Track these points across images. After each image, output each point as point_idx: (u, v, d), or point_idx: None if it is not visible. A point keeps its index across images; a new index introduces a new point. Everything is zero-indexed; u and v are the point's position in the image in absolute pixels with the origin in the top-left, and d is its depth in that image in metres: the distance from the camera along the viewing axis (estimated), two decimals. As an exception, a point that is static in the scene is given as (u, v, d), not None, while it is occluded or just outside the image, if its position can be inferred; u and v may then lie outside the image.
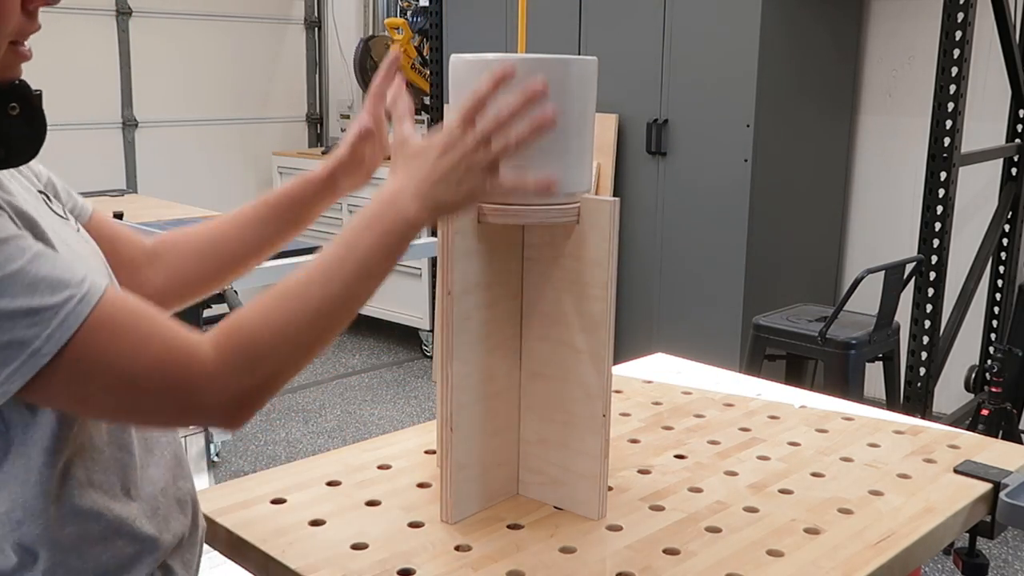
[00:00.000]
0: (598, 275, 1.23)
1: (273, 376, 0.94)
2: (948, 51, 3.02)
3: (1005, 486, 1.39)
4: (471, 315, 1.27)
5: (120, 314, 0.88)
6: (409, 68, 5.44)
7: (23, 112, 0.95)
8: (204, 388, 0.90)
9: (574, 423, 1.28)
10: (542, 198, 1.20)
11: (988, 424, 3.28)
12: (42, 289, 0.84)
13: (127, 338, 0.87)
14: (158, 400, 0.90)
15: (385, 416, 4.43)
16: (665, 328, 4.08)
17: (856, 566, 1.17)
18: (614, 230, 1.22)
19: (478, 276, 1.27)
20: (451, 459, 1.26)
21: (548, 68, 1.19)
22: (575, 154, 1.23)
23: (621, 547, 1.22)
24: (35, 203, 1.00)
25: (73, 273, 0.86)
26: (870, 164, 4.27)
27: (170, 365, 0.88)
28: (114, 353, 0.87)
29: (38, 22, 0.93)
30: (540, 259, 1.30)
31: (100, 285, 0.87)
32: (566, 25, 4.19)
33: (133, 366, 0.87)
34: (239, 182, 6.06)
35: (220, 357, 0.90)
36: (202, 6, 5.74)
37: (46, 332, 0.83)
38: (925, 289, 3.17)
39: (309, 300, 0.96)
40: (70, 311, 0.84)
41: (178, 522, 1.07)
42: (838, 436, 1.61)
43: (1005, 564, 3.14)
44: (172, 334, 0.90)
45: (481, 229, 1.26)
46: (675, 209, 3.99)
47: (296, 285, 0.97)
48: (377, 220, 1.01)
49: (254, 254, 1.29)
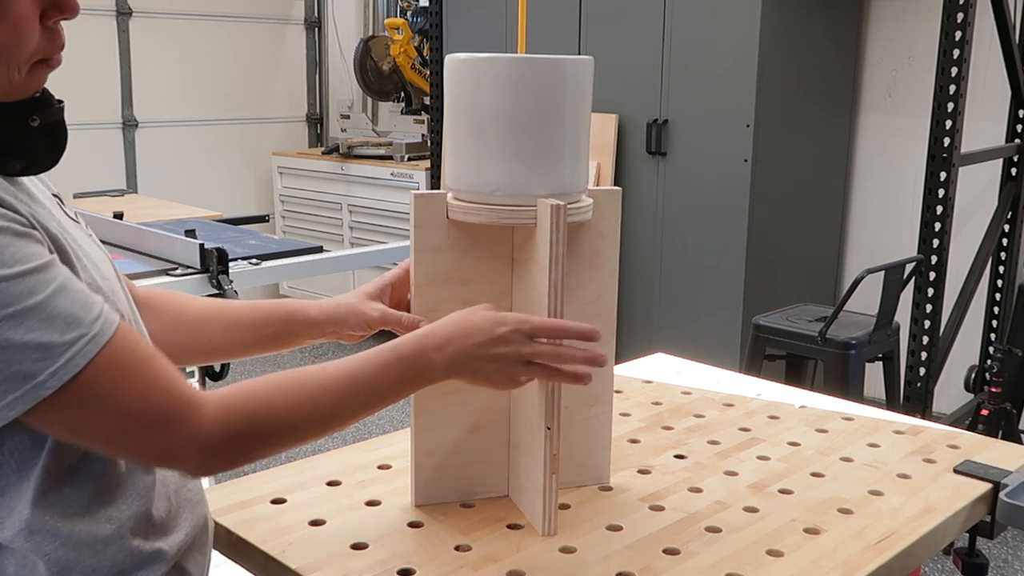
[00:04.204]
0: (541, 280, 1.18)
1: (254, 452, 1.00)
2: (948, 51, 3.02)
3: (1005, 486, 1.39)
4: (439, 307, 1.26)
5: (128, 357, 0.91)
6: (409, 68, 5.45)
7: (44, 123, 0.97)
8: (192, 443, 0.94)
9: (532, 431, 1.26)
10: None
11: (988, 424, 3.28)
12: (56, 325, 0.86)
13: (130, 381, 0.91)
14: (146, 443, 0.94)
15: (385, 416, 4.43)
16: (665, 328, 4.08)
17: (856, 566, 1.17)
18: (558, 233, 1.16)
19: (449, 270, 1.27)
20: (414, 445, 1.31)
21: (543, 68, 1.19)
22: (568, 155, 1.22)
23: (621, 547, 1.22)
24: (54, 210, 1.01)
25: (89, 310, 0.89)
26: (870, 164, 4.27)
27: (165, 414, 0.92)
28: (115, 394, 0.90)
29: (62, 38, 0.95)
30: (520, 260, 1.29)
31: (113, 322, 0.90)
32: (566, 25, 4.19)
33: (131, 409, 0.91)
34: (239, 182, 6.07)
35: (220, 420, 0.95)
36: (202, 6, 5.74)
37: (52, 368, 0.86)
38: (925, 289, 3.17)
39: (317, 406, 1.03)
40: (78, 351, 0.87)
41: (189, 522, 1.09)
42: (838, 436, 1.61)
43: (1005, 564, 3.14)
44: (173, 384, 0.94)
45: (455, 226, 1.26)
46: (675, 209, 3.99)
47: (313, 386, 1.03)
48: (407, 365, 1.08)
49: (229, 352, 1.32)
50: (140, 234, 2.87)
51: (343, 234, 5.52)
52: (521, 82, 1.18)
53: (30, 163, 0.96)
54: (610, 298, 1.36)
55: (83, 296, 0.90)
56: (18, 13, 0.88)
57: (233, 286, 2.54)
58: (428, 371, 1.09)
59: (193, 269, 2.59)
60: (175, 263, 2.65)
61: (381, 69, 5.55)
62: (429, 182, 4.99)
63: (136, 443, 0.93)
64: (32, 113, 0.96)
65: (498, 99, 1.19)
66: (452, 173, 1.25)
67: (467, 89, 1.21)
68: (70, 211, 1.07)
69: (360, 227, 5.45)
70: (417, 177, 5.08)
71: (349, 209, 5.48)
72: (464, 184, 1.24)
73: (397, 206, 5.20)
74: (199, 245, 2.59)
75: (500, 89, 1.18)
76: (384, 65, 5.54)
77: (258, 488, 1.36)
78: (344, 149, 5.42)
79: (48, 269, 0.88)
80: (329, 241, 5.32)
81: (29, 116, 0.96)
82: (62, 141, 1.00)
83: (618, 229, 1.35)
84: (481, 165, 1.21)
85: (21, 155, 0.95)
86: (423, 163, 5.11)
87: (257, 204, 6.06)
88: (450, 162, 1.26)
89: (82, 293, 0.90)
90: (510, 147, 1.20)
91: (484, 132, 1.20)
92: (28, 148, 0.96)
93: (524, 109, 1.19)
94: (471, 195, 1.23)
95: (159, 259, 2.72)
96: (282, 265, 2.88)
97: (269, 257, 2.83)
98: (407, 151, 5.22)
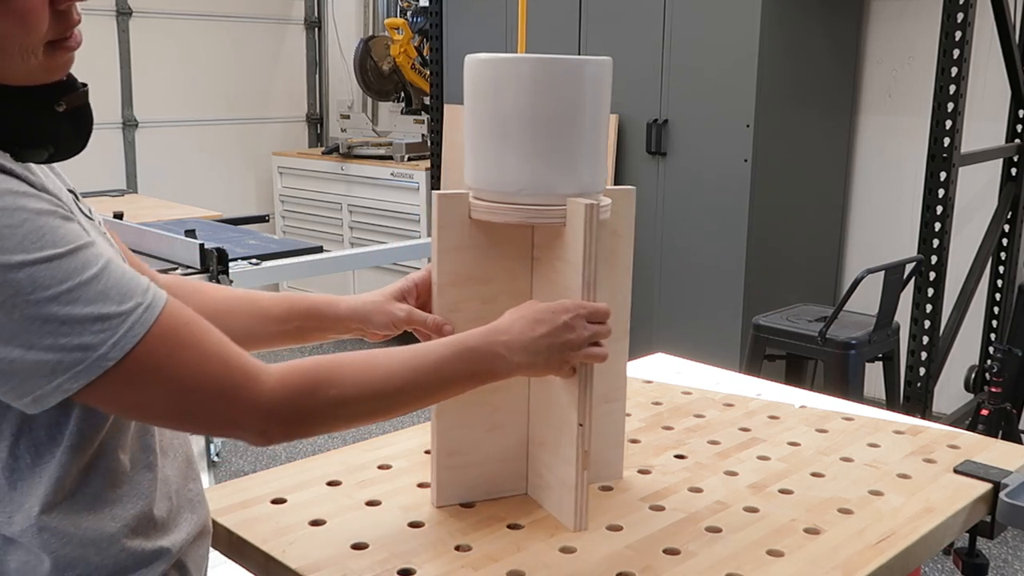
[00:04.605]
0: (574, 279, 1.20)
1: (314, 424, 1.00)
2: (948, 51, 3.02)
3: (1005, 486, 1.39)
4: (459, 307, 1.27)
5: (182, 328, 0.92)
6: (409, 68, 5.45)
7: (70, 109, 0.97)
8: (253, 409, 0.95)
9: (562, 428, 1.27)
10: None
11: (988, 424, 3.28)
12: (113, 297, 0.87)
13: (187, 351, 0.92)
14: (209, 412, 0.95)
15: (385, 416, 4.42)
16: (665, 328, 4.08)
17: (856, 566, 1.17)
18: (592, 232, 1.18)
19: (470, 270, 1.28)
20: (436, 445, 1.31)
21: (564, 68, 1.19)
22: (589, 155, 1.23)
23: (621, 547, 1.22)
24: (72, 206, 1.01)
25: (139, 282, 0.90)
26: (870, 164, 4.27)
27: (227, 381, 0.93)
28: (173, 365, 0.91)
29: (75, 15, 0.94)
30: (542, 259, 1.30)
31: (162, 295, 0.92)
32: (566, 25, 4.19)
33: (191, 379, 0.92)
34: (239, 182, 6.07)
35: (281, 386, 0.96)
36: (202, 6, 5.74)
37: (113, 339, 0.87)
38: (925, 289, 3.17)
39: (385, 386, 1.04)
40: (136, 319, 0.88)
41: (190, 521, 1.09)
42: (838, 436, 1.61)
43: (1005, 564, 3.14)
44: (230, 353, 0.95)
45: (476, 225, 1.26)
46: (675, 209, 3.99)
47: (382, 365, 1.04)
48: (476, 357, 1.11)
49: (252, 343, 1.31)
50: (140, 234, 2.87)
51: (343, 234, 5.52)
52: (543, 82, 1.19)
53: (58, 149, 0.97)
54: (625, 296, 1.37)
55: (130, 271, 0.91)
56: (25, 5, 0.87)
57: (233, 286, 2.54)
58: (495, 365, 1.12)
59: (193, 269, 2.59)
60: (175, 263, 2.65)
61: (381, 69, 5.55)
62: (429, 182, 4.99)
63: (199, 413, 0.94)
64: (58, 98, 0.96)
65: (520, 99, 1.19)
66: (474, 173, 1.26)
67: (488, 89, 1.22)
68: (85, 207, 1.07)
69: (360, 227, 5.45)
70: (417, 177, 5.08)
71: (349, 209, 5.47)
72: (487, 184, 1.24)
73: (397, 206, 5.20)
74: (199, 245, 2.60)
75: (522, 89, 1.19)
76: (384, 65, 5.54)
77: (258, 488, 1.36)
78: (344, 149, 5.42)
79: (95, 246, 0.90)
80: (329, 241, 5.32)
81: (55, 101, 0.95)
82: (88, 125, 1.00)
83: (632, 228, 1.36)
84: (504, 165, 1.22)
85: (49, 141, 0.95)
86: (423, 163, 5.11)
87: (257, 204, 6.06)
88: (471, 162, 1.27)
89: (128, 268, 0.91)
90: (533, 147, 1.20)
91: (507, 132, 1.21)
92: (55, 134, 0.96)
93: (546, 109, 1.19)
94: (494, 195, 1.24)
95: (159, 259, 2.72)
96: (282, 265, 2.88)
97: (269, 257, 2.84)
98: (407, 151, 5.22)
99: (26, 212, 0.85)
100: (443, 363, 1.09)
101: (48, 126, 0.95)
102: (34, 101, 0.94)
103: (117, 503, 0.99)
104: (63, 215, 0.89)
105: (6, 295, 0.83)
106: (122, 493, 0.99)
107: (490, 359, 1.11)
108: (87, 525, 0.96)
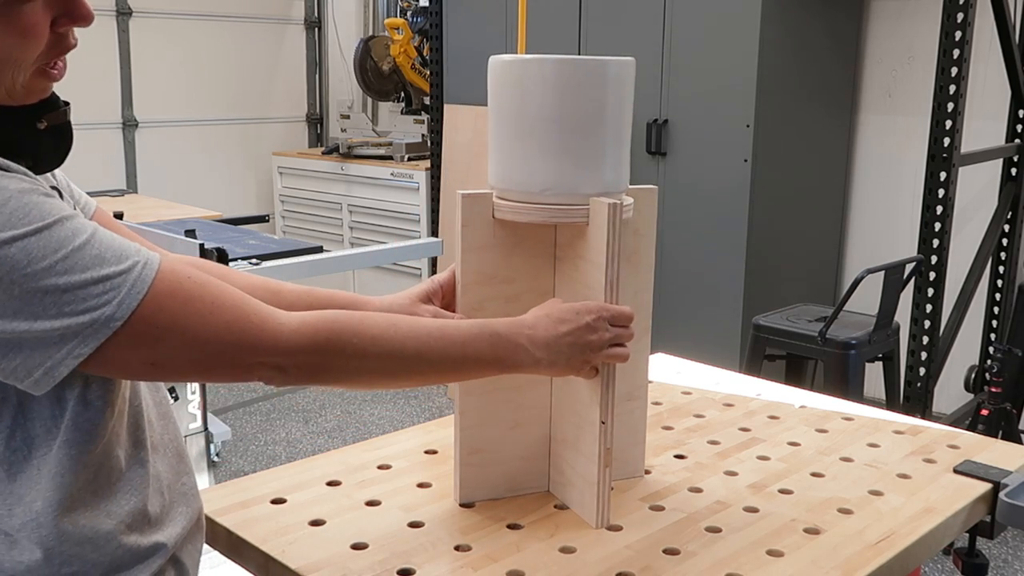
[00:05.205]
0: (597, 278, 1.22)
1: (332, 372, 1.02)
2: (948, 51, 3.02)
3: (1005, 486, 1.39)
4: (483, 306, 1.29)
5: (185, 283, 0.93)
6: (409, 68, 5.45)
7: (51, 126, 0.99)
8: (273, 349, 0.96)
9: (582, 426, 1.28)
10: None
11: (988, 424, 3.28)
12: (109, 259, 0.89)
13: (196, 304, 0.93)
14: (231, 359, 0.96)
15: (385, 416, 4.43)
16: (665, 328, 4.08)
17: (856, 566, 1.17)
18: (615, 231, 1.19)
19: (495, 269, 1.29)
20: (459, 442, 1.32)
21: (588, 69, 1.20)
22: (612, 155, 1.24)
23: (621, 547, 1.22)
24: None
25: (130, 244, 0.92)
26: (870, 164, 4.27)
27: (244, 325, 0.95)
28: (186, 319, 0.92)
29: (72, 40, 0.96)
30: (565, 258, 1.31)
31: (155, 255, 0.93)
32: (566, 25, 4.19)
33: (207, 328, 0.93)
34: (239, 182, 6.07)
35: (303, 326, 0.98)
36: (202, 6, 5.74)
37: (117, 298, 0.88)
38: (925, 289, 3.17)
39: (404, 347, 1.05)
40: (137, 276, 0.89)
41: (184, 515, 1.10)
42: (838, 436, 1.61)
43: (1005, 564, 3.14)
44: (240, 299, 0.96)
45: (500, 225, 1.27)
46: (675, 209, 3.99)
47: (405, 327, 1.06)
48: (500, 342, 1.12)
49: None
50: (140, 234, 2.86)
51: (343, 234, 5.52)
52: (569, 83, 1.20)
53: (36, 163, 0.98)
54: (646, 295, 1.39)
55: (119, 236, 0.93)
56: (27, 21, 0.89)
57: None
58: (518, 356, 1.13)
59: (193, 269, 2.58)
60: (175, 263, 2.64)
61: (381, 69, 5.55)
62: (429, 182, 4.99)
63: (218, 362, 0.96)
64: (39, 116, 0.97)
65: (545, 100, 1.20)
66: (498, 173, 1.27)
67: (513, 90, 1.22)
68: (68, 204, 1.08)
69: (360, 227, 5.45)
70: (417, 177, 5.08)
71: (349, 209, 5.48)
72: (511, 184, 1.25)
73: (397, 206, 5.20)
74: (199, 245, 2.60)
75: (547, 90, 1.20)
76: (384, 65, 5.54)
77: (258, 488, 1.37)
78: (344, 149, 5.42)
79: (81, 216, 0.91)
80: (329, 241, 5.32)
81: (36, 119, 0.97)
82: (68, 142, 1.02)
83: (654, 227, 1.38)
84: (529, 165, 1.23)
85: (28, 156, 0.97)
86: (423, 163, 5.11)
87: (257, 204, 6.06)
88: (495, 162, 1.28)
89: (116, 235, 0.93)
90: (558, 147, 1.21)
91: (532, 133, 1.22)
92: (34, 149, 0.98)
93: (571, 110, 1.20)
94: (519, 195, 1.25)
95: (159, 259, 2.71)
96: (282, 265, 2.88)
97: (269, 257, 2.83)
98: (407, 151, 5.22)
99: (9, 191, 0.86)
100: (470, 341, 1.10)
101: (28, 142, 0.97)
102: (15, 118, 0.96)
103: (112, 499, 1.00)
104: (44, 192, 0.90)
105: (2, 272, 0.84)
106: (117, 489, 1.00)
107: (514, 349, 1.12)
108: (84, 522, 0.97)
